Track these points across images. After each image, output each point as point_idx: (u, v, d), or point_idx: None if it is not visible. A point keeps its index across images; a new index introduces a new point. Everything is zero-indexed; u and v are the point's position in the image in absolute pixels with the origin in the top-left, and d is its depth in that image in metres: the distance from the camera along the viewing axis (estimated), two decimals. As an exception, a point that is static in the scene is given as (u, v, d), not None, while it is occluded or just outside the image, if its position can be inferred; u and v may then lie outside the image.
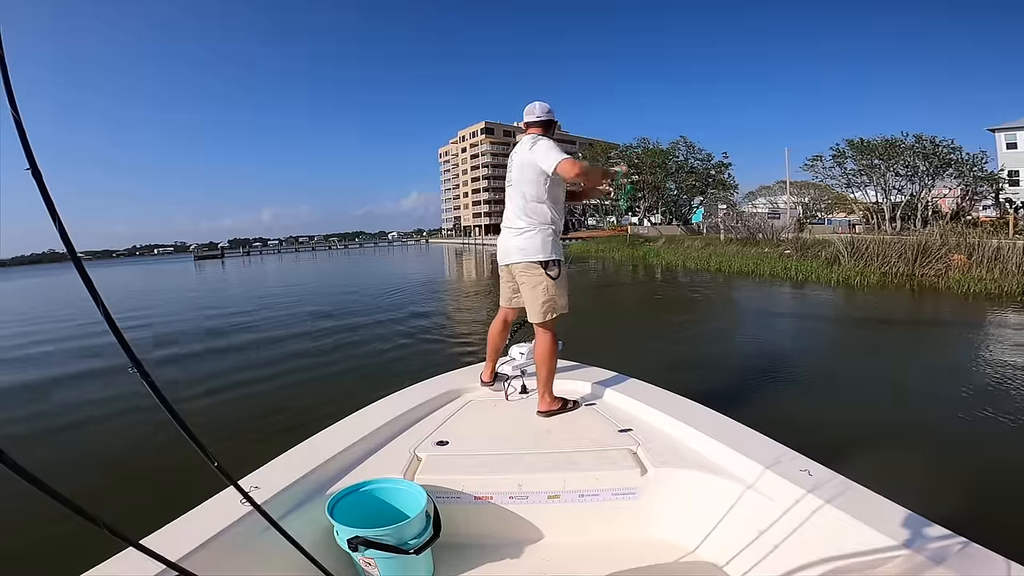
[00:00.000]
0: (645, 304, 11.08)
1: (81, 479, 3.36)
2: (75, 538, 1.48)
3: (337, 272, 26.79)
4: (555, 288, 2.23)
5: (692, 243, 21.88)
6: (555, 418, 2.18)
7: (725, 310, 9.78)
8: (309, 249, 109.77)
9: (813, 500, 1.38)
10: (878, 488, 1.39)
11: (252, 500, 1.02)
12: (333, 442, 1.85)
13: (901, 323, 7.78)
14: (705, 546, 1.58)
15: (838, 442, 2.88)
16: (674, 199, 47.72)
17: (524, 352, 2.75)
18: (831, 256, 13.39)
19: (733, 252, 16.96)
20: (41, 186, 0.69)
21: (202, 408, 4.70)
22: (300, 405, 4.62)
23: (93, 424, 4.53)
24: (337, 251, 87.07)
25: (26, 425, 4.65)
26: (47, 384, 6.09)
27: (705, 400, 2.08)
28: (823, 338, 7.11)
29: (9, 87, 0.64)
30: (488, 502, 1.67)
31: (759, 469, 1.56)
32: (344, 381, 5.47)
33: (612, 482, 1.68)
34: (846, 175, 34.49)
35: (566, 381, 2.49)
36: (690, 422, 1.89)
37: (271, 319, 10.28)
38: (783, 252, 15.44)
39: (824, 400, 4.36)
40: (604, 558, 1.59)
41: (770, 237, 19.32)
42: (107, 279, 33.23)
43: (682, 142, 45.94)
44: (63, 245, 0.74)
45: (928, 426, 3.73)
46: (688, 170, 46.05)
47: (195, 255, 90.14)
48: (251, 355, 6.97)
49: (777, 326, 7.80)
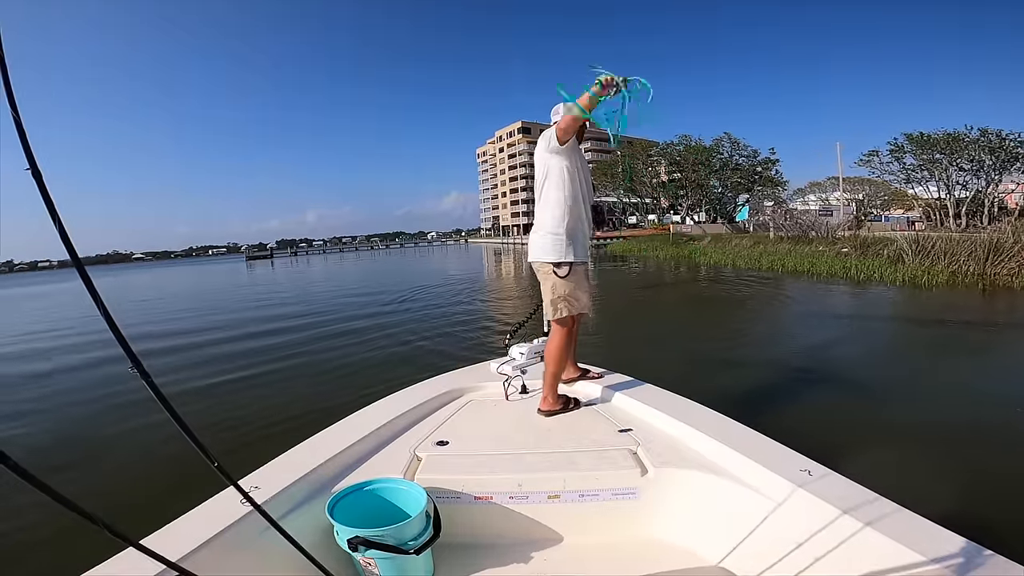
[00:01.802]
0: (696, 304, 10.80)
1: (81, 479, 3.38)
2: (75, 538, 1.60)
3: (386, 271, 27.36)
4: (564, 286, 2.22)
5: (740, 241, 21.17)
6: (555, 418, 2.17)
7: (784, 312, 9.41)
8: (352, 249, 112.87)
9: (813, 500, 1.37)
10: (878, 488, 1.37)
11: (252, 500, 1.03)
12: (333, 442, 1.86)
13: (978, 325, 7.27)
14: (705, 546, 1.58)
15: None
16: (718, 197, 46.41)
17: (524, 352, 2.77)
18: (894, 254, 12.70)
19: (785, 250, 16.27)
20: (41, 186, 0.69)
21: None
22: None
23: (94, 424, 4.59)
24: (379, 251, 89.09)
25: (28, 424, 4.72)
26: (48, 384, 6.24)
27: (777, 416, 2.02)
28: (899, 340, 6.70)
29: (9, 87, 0.64)
30: (488, 502, 1.67)
31: (759, 469, 1.56)
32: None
33: (612, 482, 1.68)
34: (905, 170, 32.74)
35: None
36: (690, 422, 1.89)
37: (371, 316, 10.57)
38: (840, 250, 14.74)
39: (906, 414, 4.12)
40: (604, 558, 1.60)
41: (824, 235, 18.48)
42: (188, 279, 34.71)
43: (726, 138, 44.66)
44: (63, 245, 0.74)
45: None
46: (733, 167, 44.68)
47: (246, 255, 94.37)
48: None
49: (848, 329, 7.37)
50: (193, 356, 7.28)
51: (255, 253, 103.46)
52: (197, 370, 6.36)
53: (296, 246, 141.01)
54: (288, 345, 7.59)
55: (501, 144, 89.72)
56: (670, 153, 46.08)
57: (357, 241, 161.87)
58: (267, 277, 29.09)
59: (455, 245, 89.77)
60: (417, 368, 5.51)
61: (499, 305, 11.22)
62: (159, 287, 26.93)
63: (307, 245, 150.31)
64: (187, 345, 8.14)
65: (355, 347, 7.13)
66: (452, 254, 46.47)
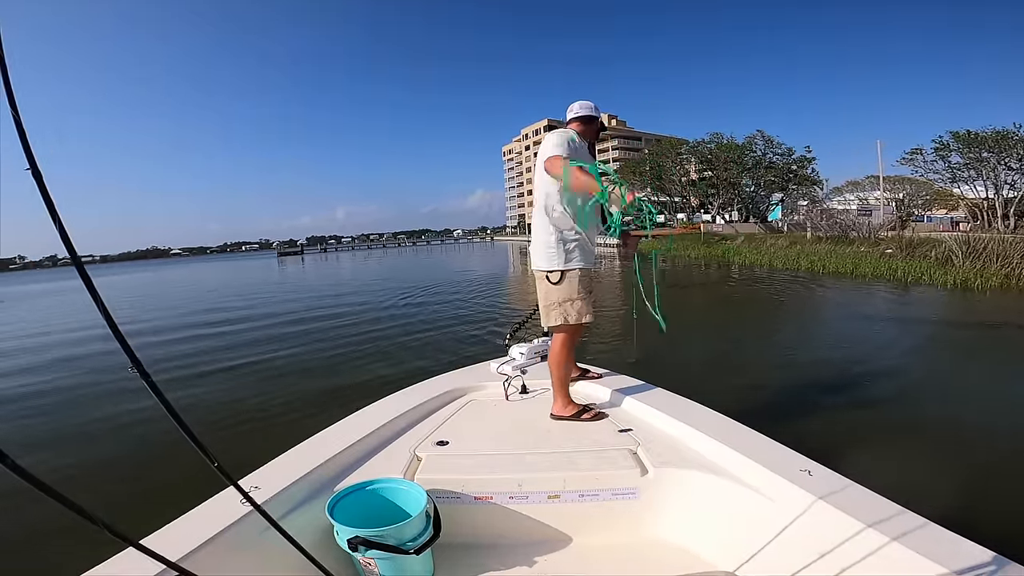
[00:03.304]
0: (733, 305, 10.48)
1: (81, 479, 3.37)
2: (75, 538, 1.50)
3: (412, 266, 27.59)
4: (557, 294, 2.17)
5: (775, 241, 20.48)
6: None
7: (827, 314, 9.05)
8: (380, 246, 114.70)
9: (813, 500, 1.37)
10: (878, 488, 1.37)
11: (252, 500, 1.03)
12: (333, 442, 1.85)
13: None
14: (705, 546, 1.58)
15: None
16: (750, 196, 45.21)
17: (524, 352, 2.78)
18: (942, 256, 12.10)
19: (825, 251, 15.68)
20: (41, 186, 0.68)
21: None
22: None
23: (94, 423, 4.59)
24: (406, 248, 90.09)
25: (28, 425, 4.74)
26: (47, 380, 6.34)
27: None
28: (956, 345, 6.30)
29: (9, 87, 0.64)
30: (488, 502, 1.67)
31: (759, 469, 1.55)
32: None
33: (612, 482, 1.67)
34: (950, 169, 31.21)
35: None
36: (690, 422, 1.89)
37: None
38: (884, 251, 14.13)
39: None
40: (604, 558, 1.59)
41: (866, 235, 17.76)
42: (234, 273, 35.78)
43: (759, 136, 43.41)
44: (63, 245, 0.74)
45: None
46: (766, 165, 43.46)
47: (278, 252, 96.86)
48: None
49: (898, 332, 7.02)
50: (192, 348, 7.44)
51: (286, 249, 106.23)
52: (207, 360, 6.49)
53: (325, 243, 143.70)
54: (314, 339, 7.69)
55: (527, 142, 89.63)
56: (700, 151, 45.08)
57: (384, 238, 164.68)
58: (296, 275, 29.64)
59: (480, 242, 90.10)
60: (438, 364, 5.46)
61: (528, 301, 11.13)
62: (224, 282, 27.54)
63: (336, 242, 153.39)
64: (182, 339, 8.34)
65: (375, 342, 7.18)
66: (478, 252, 46.58)
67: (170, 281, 29.16)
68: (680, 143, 48.32)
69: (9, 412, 5.26)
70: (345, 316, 10.13)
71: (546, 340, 2.95)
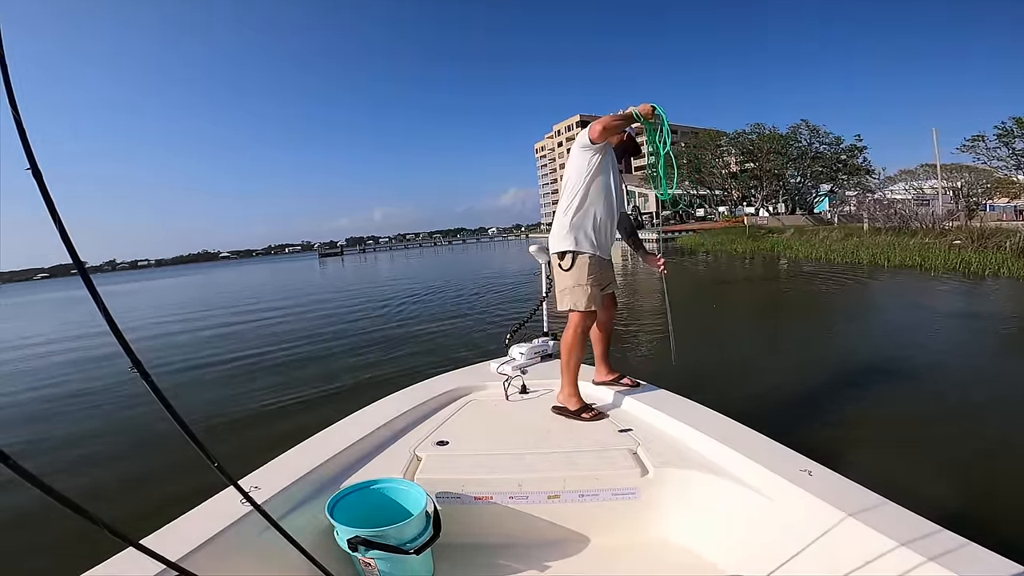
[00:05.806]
0: (798, 305, 9.95)
1: (81, 479, 3.35)
2: (75, 538, 1.57)
3: (447, 263, 27.73)
4: (568, 278, 2.17)
5: (828, 234, 19.39)
6: (555, 418, 2.14)
7: (911, 314, 8.44)
8: (416, 246, 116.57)
9: (813, 500, 1.36)
10: (878, 488, 1.35)
11: (252, 500, 1.03)
12: (333, 442, 1.86)
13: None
14: (705, 546, 1.57)
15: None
16: (796, 187, 43.29)
17: (524, 352, 2.78)
18: (1017, 247, 11.16)
19: (886, 243, 14.70)
20: (41, 186, 0.69)
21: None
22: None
23: (94, 423, 4.62)
24: (442, 247, 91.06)
25: (31, 425, 4.79)
26: (51, 382, 6.48)
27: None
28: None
29: (9, 87, 0.64)
30: (488, 502, 1.66)
31: (759, 469, 1.54)
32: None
33: (612, 482, 1.67)
34: (1015, 155, 29.15)
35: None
36: (691, 422, 1.88)
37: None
38: (952, 242, 13.16)
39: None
40: (604, 558, 1.59)
41: (930, 225, 16.60)
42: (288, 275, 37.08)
43: (804, 126, 41.49)
44: (63, 246, 0.73)
45: None
46: (813, 155, 41.50)
47: (319, 253, 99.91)
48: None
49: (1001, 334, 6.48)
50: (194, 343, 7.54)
51: (327, 251, 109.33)
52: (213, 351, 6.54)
53: (364, 243, 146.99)
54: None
55: (559, 138, 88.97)
56: (741, 142, 43.47)
57: (420, 238, 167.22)
58: (337, 273, 30.33)
59: (515, 240, 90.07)
60: (445, 363, 5.41)
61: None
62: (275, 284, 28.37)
63: (374, 242, 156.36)
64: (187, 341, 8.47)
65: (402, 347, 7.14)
66: (513, 250, 46.43)
67: (217, 284, 30.29)
68: (719, 135, 46.58)
69: (9, 413, 5.38)
70: (370, 313, 10.22)
71: (546, 340, 2.98)
